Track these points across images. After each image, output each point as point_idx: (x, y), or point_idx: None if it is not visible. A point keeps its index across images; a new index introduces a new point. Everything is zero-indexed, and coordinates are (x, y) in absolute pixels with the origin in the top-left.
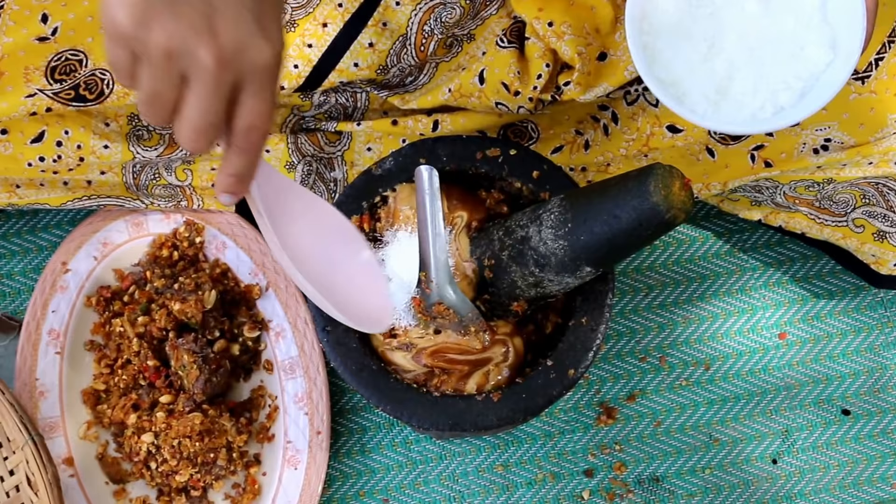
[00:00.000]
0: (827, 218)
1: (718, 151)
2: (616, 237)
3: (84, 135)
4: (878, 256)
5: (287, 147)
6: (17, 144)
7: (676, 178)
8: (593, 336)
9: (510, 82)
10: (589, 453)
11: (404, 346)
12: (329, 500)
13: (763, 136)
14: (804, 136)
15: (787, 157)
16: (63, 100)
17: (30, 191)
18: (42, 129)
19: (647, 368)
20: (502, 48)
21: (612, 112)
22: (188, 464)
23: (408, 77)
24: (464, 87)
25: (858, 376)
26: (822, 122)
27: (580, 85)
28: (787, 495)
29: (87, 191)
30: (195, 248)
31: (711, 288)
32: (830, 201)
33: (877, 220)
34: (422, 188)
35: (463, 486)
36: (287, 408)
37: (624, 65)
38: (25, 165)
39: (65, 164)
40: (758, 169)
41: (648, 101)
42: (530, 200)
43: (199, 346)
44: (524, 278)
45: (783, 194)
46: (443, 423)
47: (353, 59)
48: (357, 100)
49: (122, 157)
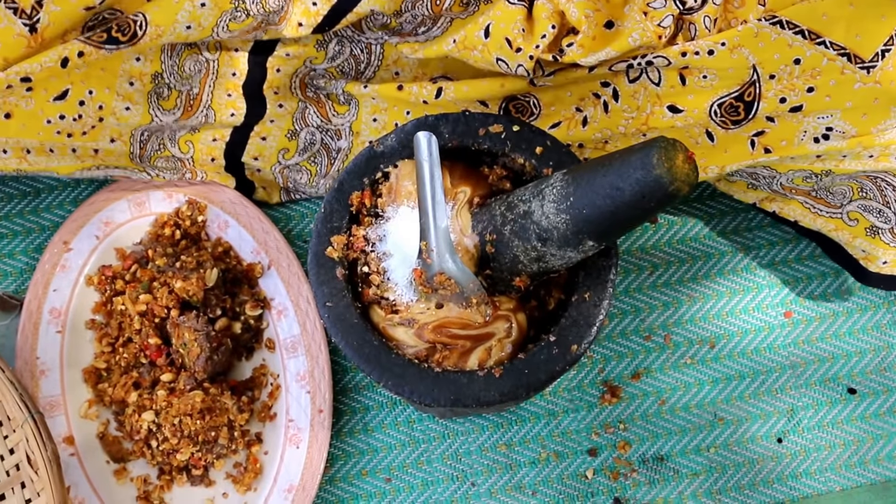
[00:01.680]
0: (822, 208)
1: (718, 135)
2: (619, 210)
3: (108, 96)
4: (867, 252)
5: (292, 117)
6: (40, 100)
7: (680, 150)
8: (596, 311)
9: (513, 38)
10: (593, 432)
11: (406, 321)
12: (331, 479)
13: (764, 121)
14: (806, 124)
15: (787, 144)
16: (95, 43)
17: (40, 157)
18: (67, 87)
19: (652, 347)
20: (512, 4)
21: (614, 88)
22: (189, 442)
23: (421, 27)
24: (468, 39)
25: (864, 355)
26: (825, 110)
27: (583, 47)
28: (792, 474)
29: (94, 160)
30: (197, 227)
31: (717, 266)
32: (827, 192)
33: (871, 215)
34: (420, 155)
35: (466, 466)
36: (289, 386)
37: (629, 31)
38: (45, 122)
39: (83, 124)
40: (757, 155)
41: (651, 79)
42: (533, 176)
43: (200, 324)
44: (526, 253)
45: (780, 184)
46: (444, 399)
47: (370, 4)
48: (371, 52)
49: (141, 120)
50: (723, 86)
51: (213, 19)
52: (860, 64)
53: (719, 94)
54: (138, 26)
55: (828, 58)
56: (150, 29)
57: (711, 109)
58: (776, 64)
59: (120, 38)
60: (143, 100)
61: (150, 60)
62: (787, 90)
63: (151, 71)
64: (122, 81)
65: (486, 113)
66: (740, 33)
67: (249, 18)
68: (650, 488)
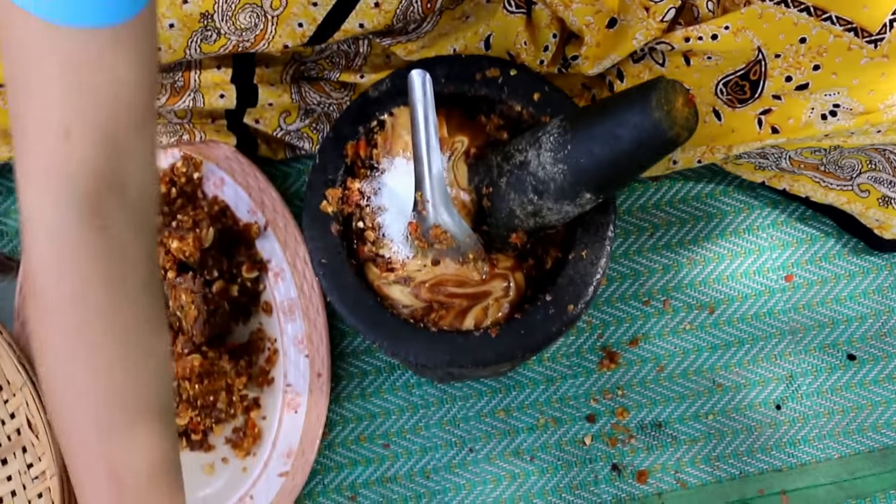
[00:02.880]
0: (832, 182)
1: (725, 114)
2: (617, 158)
3: None
4: (881, 221)
5: (291, 97)
6: None
7: (680, 92)
8: (593, 270)
9: (516, 53)
10: (591, 398)
11: (402, 280)
12: (330, 445)
13: (771, 99)
14: (812, 101)
15: (794, 122)
16: None
17: None
18: None
19: (651, 312)
20: (510, 13)
21: (618, 70)
22: (187, 406)
23: (410, 24)
24: (468, 51)
25: (865, 320)
26: (832, 87)
27: (588, 59)
28: (790, 441)
29: None
30: (193, 185)
31: (718, 227)
32: (836, 166)
33: (882, 186)
34: (415, 95)
35: (464, 431)
36: (287, 350)
37: (632, 32)
38: None
39: None
40: (764, 135)
41: (655, 60)
42: (530, 124)
43: (197, 286)
44: (523, 206)
45: (788, 159)
46: (440, 359)
47: (358, 19)
48: (359, 45)
49: None
50: (728, 65)
51: (183, 41)
52: (867, 38)
53: (725, 73)
54: None
55: (834, 34)
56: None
57: (717, 87)
58: (781, 44)
59: None
60: None
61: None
62: (792, 68)
63: None
64: None
65: (483, 55)
66: (744, 16)
67: (222, 38)
68: (648, 454)
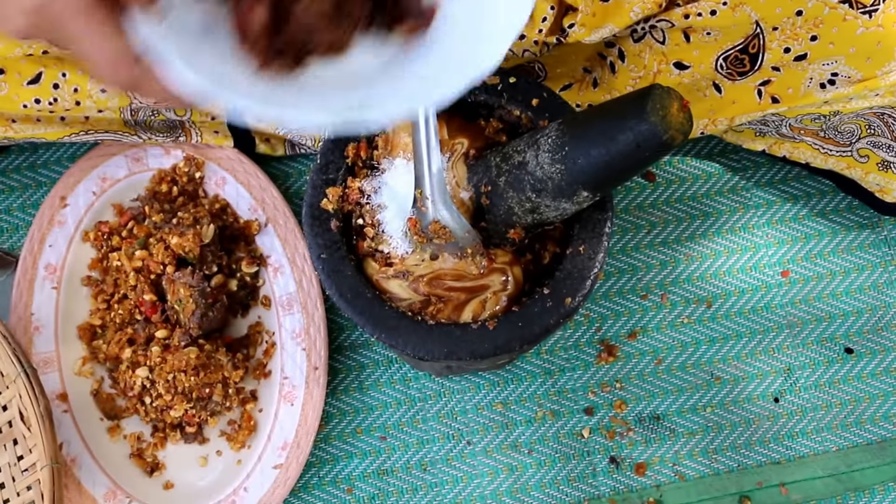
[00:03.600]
0: (831, 148)
1: (725, 87)
2: (614, 160)
3: (82, 78)
4: (882, 185)
5: None
6: (14, 85)
7: (674, 98)
8: (591, 264)
9: None
10: (589, 391)
11: (400, 274)
12: (326, 437)
13: (770, 71)
14: (811, 71)
15: (793, 92)
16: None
17: (26, 125)
18: (39, 71)
19: (649, 306)
20: None
21: (619, 49)
22: (183, 398)
23: None
24: None
25: (861, 315)
26: (830, 56)
27: (584, 26)
28: (788, 434)
29: (84, 125)
30: (195, 184)
31: (714, 225)
32: (835, 131)
33: (881, 151)
34: None
35: (462, 424)
36: (284, 344)
37: (629, 6)
38: (21, 107)
39: (61, 106)
40: (765, 105)
41: (655, 38)
42: (529, 129)
43: (195, 281)
44: (521, 204)
45: (788, 126)
46: (438, 351)
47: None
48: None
49: (119, 102)
50: (727, 40)
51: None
52: (861, 9)
53: (724, 48)
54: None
55: (829, 6)
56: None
57: (717, 63)
58: (779, 17)
59: None
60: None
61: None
62: (790, 40)
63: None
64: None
65: None
66: None
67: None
68: (646, 447)
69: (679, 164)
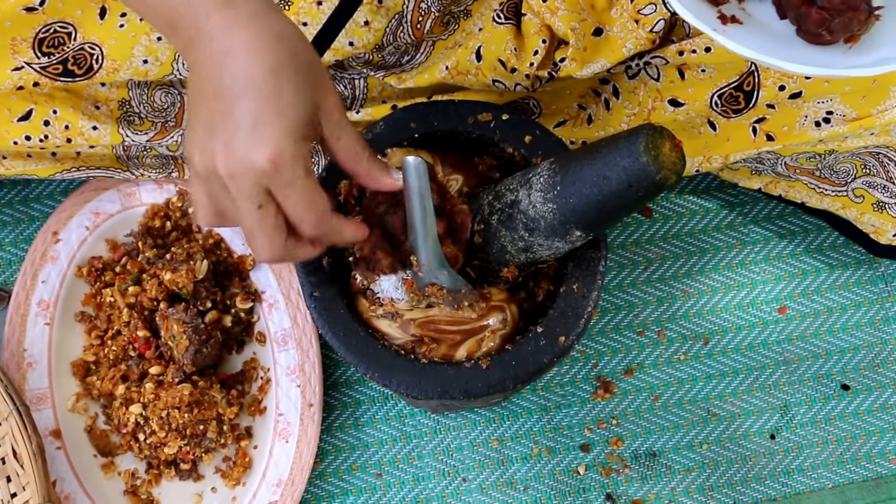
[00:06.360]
0: (827, 187)
1: (720, 124)
2: (606, 199)
3: (73, 115)
4: (877, 226)
5: None
6: (4, 122)
7: (666, 138)
8: (585, 303)
9: (507, 59)
10: (585, 428)
11: (389, 315)
12: (321, 474)
13: (765, 108)
14: (806, 109)
15: (788, 130)
16: (51, 74)
17: (17, 161)
18: (30, 108)
19: (645, 342)
20: (499, 24)
21: (614, 86)
22: (177, 435)
23: (404, 56)
24: (461, 65)
25: (858, 351)
26: (824, 94)
27: (575, 61)
28: (785, 470)
29: (75, 161)
30: (188, 219)
31: (711, 262)
32: (831, 171)
33: (876, 191)
34: (410, 181)
35: (457, 461)
36: (279, 380)
37: (622, 42)
38: (11, 144)
39: (52, 143)
40: (759, 143)
41: (650, 75)
42: (522, 166)
43: (189, 317)
44: (514, 243)
45: (784, 164)
46: (431, 390)
47: (348, 37)
48: (356, 87)
49: (112, 140)
50: (722, 77)
51: (170, 53)
52: None
53: (719, 86)
54: (94, 59)
55: None
56: (106, 63)
57: (712, 100)
58: None
59: (76, 70)
60: (112, 122)
61: (117, 87)
62: (785, 78)
63: (118, 97)
64: (87, 104)
65: (476, 101)
66: None
67: None
68: (642, 484)
69: (676, 200)
